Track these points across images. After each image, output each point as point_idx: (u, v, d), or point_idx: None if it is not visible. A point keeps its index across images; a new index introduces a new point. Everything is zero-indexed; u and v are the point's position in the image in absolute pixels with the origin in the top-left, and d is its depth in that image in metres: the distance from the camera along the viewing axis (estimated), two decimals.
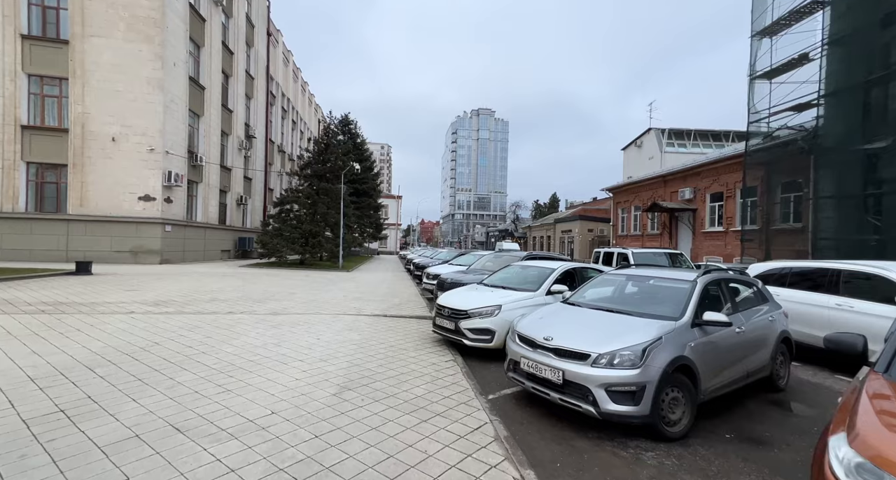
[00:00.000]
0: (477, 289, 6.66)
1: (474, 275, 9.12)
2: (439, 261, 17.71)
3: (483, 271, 9.63)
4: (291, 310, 8.43)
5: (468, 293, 6.54)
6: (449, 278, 9.10)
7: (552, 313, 4.54)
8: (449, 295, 6.49)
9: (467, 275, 9.20)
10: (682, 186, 23.70)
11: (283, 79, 38.28)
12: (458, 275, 9.22)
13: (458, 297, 6.33)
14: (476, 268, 10.17)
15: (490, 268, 9.85)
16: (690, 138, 37.57)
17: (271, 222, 20.94)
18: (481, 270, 9.82)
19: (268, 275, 16.21)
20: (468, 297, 6.24)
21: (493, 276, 7.42)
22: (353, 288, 13.40)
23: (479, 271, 9.71)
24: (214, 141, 23.70)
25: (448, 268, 12.33)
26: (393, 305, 9.84)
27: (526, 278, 6.85)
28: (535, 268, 7.05)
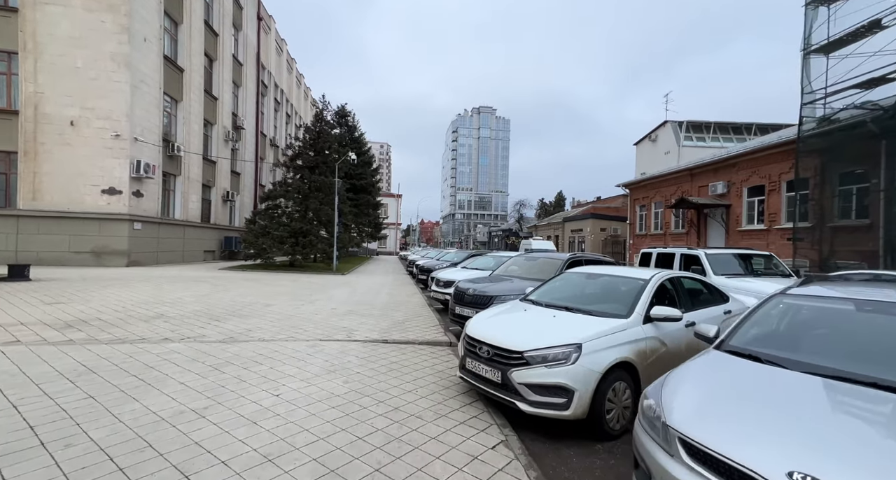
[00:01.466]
0: (527, 311, 4.36)
1: (505, 285, 6.85)
2: (447, 263, 15.43)
3: (512, 278, 7.35)
4: (256, 334, 6.14)
5: (514, 318, 4.24)
6: (470, 288, 6.81)
7: None
8: (484, 322, 4.18)
9: (495, 285, 6.92)
10: (712, 180, 21.42)
11: (275, 68, 36.01)
12: (483, 285, 6.93)
13: (502, 326, 4.03)
14: (502, 274, 7.88)
15: (520, 274, 7.57)
16: (710, 131, 35.36)
17: (257, 219, 18.65)
18: (508, 277, 7.55)
19: (248, 280, 13.91)
20: (518, 326, 3.95)
21: (541, 289, 5.12)
22: (347, 296, 11.10)
23: (507, 278, 7.44)
24: (196, 130, 21.41)
25: (462, 273, 10.05)
26: (395, 323, 7.55)
27: (600, 294, 4.56)
28: (609, 279, 4.75)
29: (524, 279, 7.12)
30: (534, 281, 6.94)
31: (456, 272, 10.47)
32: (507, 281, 7.12)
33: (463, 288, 7.00)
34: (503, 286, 6.78)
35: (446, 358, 5.40)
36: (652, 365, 3.65)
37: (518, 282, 6.93)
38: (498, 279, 7.46)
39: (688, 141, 34.91)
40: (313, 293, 11.44)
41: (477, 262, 11.28)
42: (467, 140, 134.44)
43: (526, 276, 7.26)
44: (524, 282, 6.86)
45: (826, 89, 14.96)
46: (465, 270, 10.53)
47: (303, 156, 19.51)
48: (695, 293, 4.65)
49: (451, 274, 10.04)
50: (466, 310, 6.59)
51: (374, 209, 37.28)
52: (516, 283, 6.86)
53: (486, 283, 7.08)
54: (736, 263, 7.79)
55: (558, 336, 3.51)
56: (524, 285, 6.67)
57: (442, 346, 6.04)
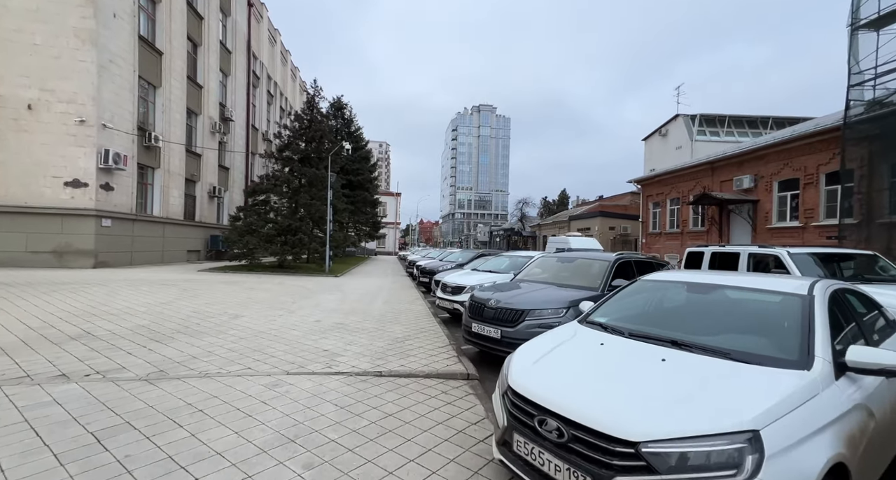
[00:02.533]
0: (604, 346, 2.65)
1: (538, 294, 5.20)
2: (451, 264, 13.78)
3: (543, 285, 5.68)
4: (199, 365, 4.46)
5: (589, 358, 2.53)
6: (491, 299, 5.16)
7: None
8: (541, 368, 2.48)
9: (524, 293, 5.26)
10: (737, 173, 19.81)
11: (268, 59, 34.32)
12: (508, 294, 5.27)
13: (575, 376, 2.33)
14: (528, 279, 6.20)
15: (551, 280, 5.90)
16: (724, 125, 33.77)
17: (241, 216, 16.95)
18: (538, 283, 5.88)
19: (227, 283, 12.23)
20: (606, 377, 2.26)
21: (609, 306, 3.43)
22: (336, 303, 9.43)
23: (536, 284, 5.77)
24: (177, 119, 19.71)
25: (473, 277, 8.38)
26: (393, 341, 5.88)
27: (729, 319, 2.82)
28: (735, 293, 3.01)
29: (560, 286, 5.46)
30: (574, 289, 5.30)
31: (465, 275, 8.80)
32: (538, 288, 5.45)
33: (481, 298, 5.33)
34: (536, 296, 5.12)
35: (465, 402, 3.75)
36: (862, 457, 1.98)
37: (554, 291, 5.27)
38: (524, 285, 5.78)
39: (701, 135, 33.32)
40: (298, 299, 9.76)
41: (489, 263, 9.60)
42: (467, 138, 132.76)
43: (561, 283, 5.60)
44: (562, 291, 5.21)
45: (876, 69, 13.36)
46: (475, 273, 8.86)
47: (292, 146, 17.81)
48: (860, 314, 2.98)
49: (461, 278, 8.37)
50: (488, 329, 4.94)
51: (372, 207, 35.58)
52: (552, 292, 5.20)
53: (512, 292, 5.41)
54: (822, 266, 6.12)
55: (698, 407, 1.84)
56: (563, 295, 5.02)
57: (457, 380, 4.38)
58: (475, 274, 8.70)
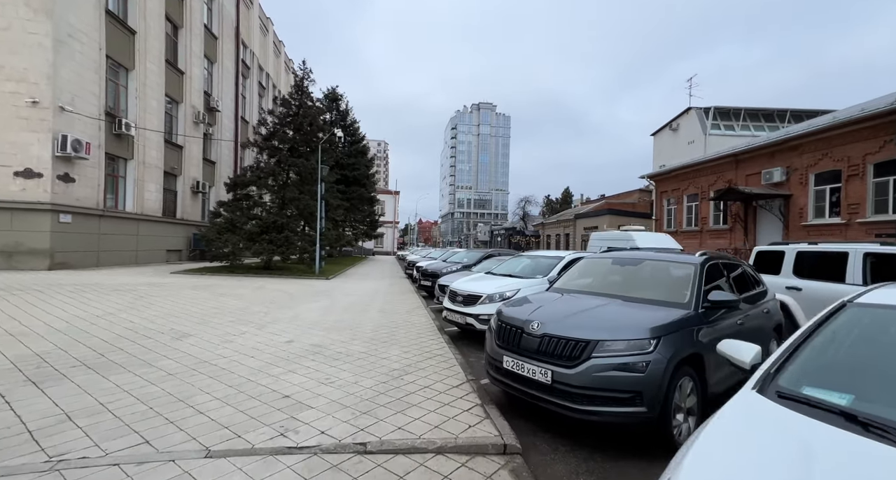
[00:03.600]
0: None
1: (606, 314, 3.50)
2: (457, 266, 12.09)
3: (604, 298, 3.97)
4: (58, 439, 2.75)
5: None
6: (534, 320, 3.47)
7: None
8: None
9: (587, 314, 3.55)
10: (766, 166, 18.18)
11: (259, 49, 32.57)
12: (562, 315, 3.57)
13: None
14: (572, 289, 4.47)
15: (612, 290, 4.18)
16: (739, 119, 32.15)
17: (222, 211, 15.21)
18: (593, 295, 4.16)
19: (197, 288, 10.51)
20: None
21: (817, 350, 1.72)
22: (320, 314, 7.73)
23: (594, 299, 4.05)
24: (154, 107, 17.96)
25: (490, 283, 6.68)
26: (388, 377, 4.21)
27: None
28: None
29: (627, 301, 3.77)
30: (648, 304, 3.63)
31: (479, 280, 7.09)
32: (597, 303, 3.75)
33: (515, 317, 3.64)
34: (600, 316, 3.44)
35: None
36: None
37: (622, 308, 3.59)
38: (572, 299, 4.07)
39: (715, 129, 31.70)
40: (274, 309, 8.05)
41: (505, 266, 7.88)
42: (467, 137, 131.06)
43: (627, 295, 3.90)
44: (635, 309, 3.54)
45: None
46: (492, 278, 7.15)
47: (279, 134, 16.07)
48: None
49: (475, 285, 6.67)
50: (530, 366, 3.27)
51: (370, 204, 33.84)
52: (622, 311, 3.53)
53: (559, 309, 3.72)
54: None
55: None
56: (641, 316, 3.33)
57: (488, 458, 2.69)
58: (492, 279, 6.98)
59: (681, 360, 3.02)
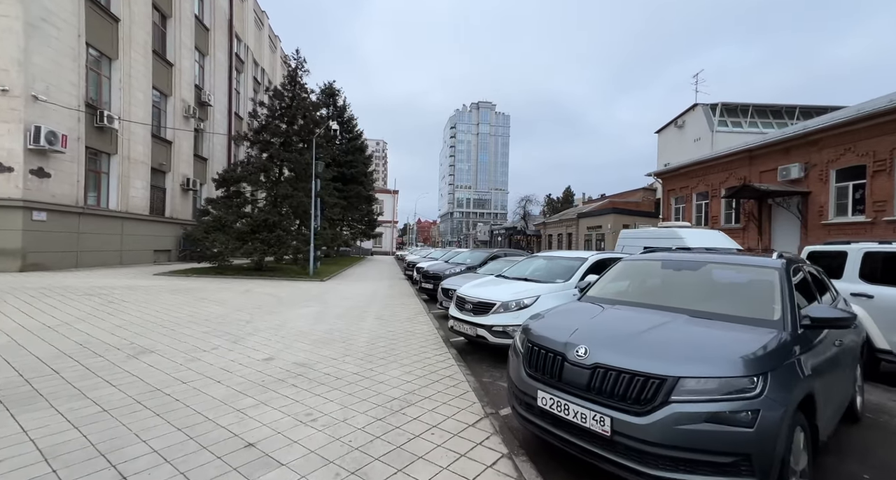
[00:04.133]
0: None
1: (672, 334, 2.63)
2: (460, 267, 11.23)
3: (661, 311, 3.13)
4: None
5: None
6: (580, 345, 2.62)
7: None
8: None
9: (650, 335, 2.68)
10: (782, 162, 17.37)
11: (254, 43, 31.65)
12: (617, 337, 2.70)
13: None
14: (613, 298, 3.60)
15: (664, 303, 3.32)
16: (747, 115, 31.35)
17: (210, 209, 14.31)
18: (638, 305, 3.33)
19: (178, 292, 9.62)
20: None
21: None
22: (309, 323, 6.86)
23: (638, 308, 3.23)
24: (140, 99, 17.05)
25: (506, 289, 5.81)
26: (386, 411, 3.38)
27: None
28: None
29: (696, 316, 2.90)
30: (731, 321, 2.77)
31: (489, 285, 6.22)
32: (659, 321, 2.89)
33: (551, 339, 2.79)
34: (670, 339, 2.58)
35: None
36: None
37: (702, 328, 2.74)
38: (619, 313, 3.21)
39: (722, 126, 30.89)
40: (258, 316, 7.17)
41: (518, 268, 7.00)
42: (466, 136, 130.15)
43: (692, 307, 3.04)
44: (719, 330, 2.68)
45: None
46: (505, 282, 6.28)
47: (271, 127, 15.17)
48: None
49: (486, 290, 5.79)
50: (578, 409, 2.40)
51: (368, 203, 32.94)
52: (703, 332, 2.67)
53: (607, 325, 2.87)
54: None
55: None
56: (728, 338, 2.47)
57: None
58: (505, 283, 6.11)
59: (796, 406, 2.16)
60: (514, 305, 5.19)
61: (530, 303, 5.16)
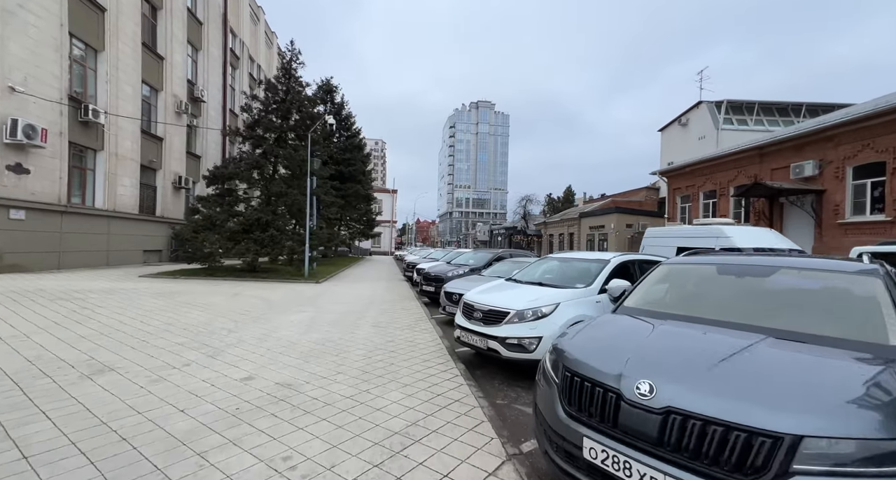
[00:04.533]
0: None
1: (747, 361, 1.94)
2: (464, 269, 10.59)
3: (738, 332, 2.48)
4: None
5: None
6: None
7: None
8: None
9: (727, 367, 2.02)
10: (795, 159, 16.78)
11: (250, 39, 30.97)
12: (717, 376, 2.06)
13: None
14: (651, 310, 2.97)
15: (726, 318, 2.69)
16: (752, 113, 30.78)
17: (200, 207, 13.64)
18: (699, 320, 2.68)
19: (158, 296, 8.95)
20: None
21: None
22: (299, 331, 6.22)
23: (702, 326, 2.59)
24: (129, 93, 16.36)
25: (522, 295, 5.18)
26: (380, 457, 2.76)
27: None
28: None
29: (783, 336, 2.24)
30: (831, 345, 2.12)
31: (500, 290, 5.57)
32: (738, 344, 2.24)
33: (602, 370, 2.16)
34: (775, 373, 1.92)
35: None
36: None
37: (801, 356, 2.08)
38: (676, 331, 2.56)
39: (727, 124, 30.31)
40: (243, 323, 6.51)
41: (530, 271, 6.33)
42: (465, 135, 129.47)
43: (771, 326, 2.39)
44: (828, 360, 2.03)
45: None
46: (514, 286, 5.64)
47: (264, 122, 14.48)
48: None
49: (498, 297, 5.14)
50: (656, 473, 1.73)
51: (366, 202, 32.26)
52: (805, 362, 2.01)
53: (686, 357, 2.21)
54: None
55: None
56: (856, 375, 1.82)
57: None
58: (517, 288, 5.45)
59: None
60: (531, 314, 4.55)
61: (549, 313, 4.52)
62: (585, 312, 4.64)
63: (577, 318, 4.55)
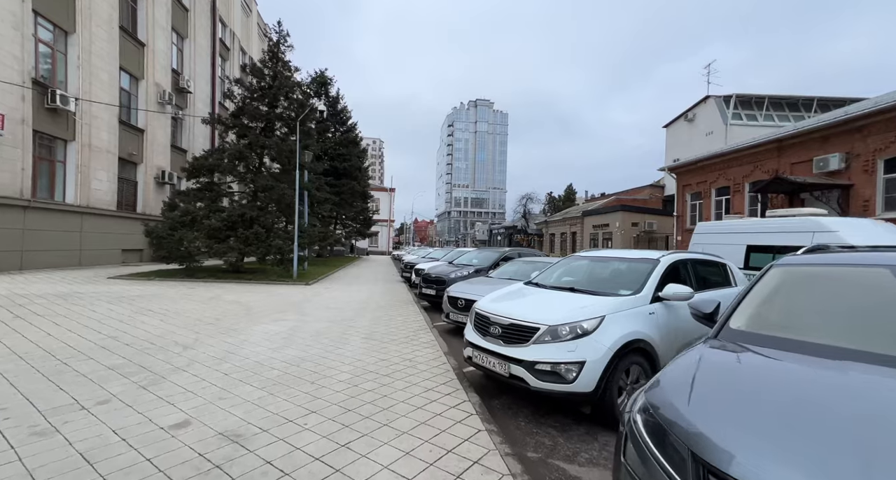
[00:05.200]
0: None
1: None
2: (468, 270, 9.48)
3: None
4: None
5: None
6: None
7: None
8: None
9: None
10: (818, 152, 15.78)
11: (241, 30, 29.76)
12: None
13: None
14: (797, 339, 1.89)
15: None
16: (762, 108, 29.79)
17: (178, 202, 12.47)
18: (868, 355, 1.55)
19: (119, 301, 7.80)
20: None
21: None
22: (273, 347, 5.09)
23: (868, 358, 1.46)
24: (104, 80, 15.17)
25: (551, 304, 4.07)
26: None
27: None
28: None
29: None
30: None
31: (521, 297, 4.45)
32: None
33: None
34: None
35: None
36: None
37: None
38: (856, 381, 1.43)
39: (735, 119, 29.30)
40: (207, 336, 5.38)
41: (554, 273, 5.18)
42: (464, 134, 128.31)
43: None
44: None
45: None
46: (539, 291, 4.50)
47: (249, 110, 13.31)
48: None
49: (522, 307, 4.02)
50: None
51: (363, 200, 31.09)
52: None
53: None
54: None
55: None
56: None
57: None
58: (542, 295, 4.32)
59: None
60: (567, 331, 3.43)
61: (592, 329, 3.41)
62: (639, 328, 3.54)
63: (631, 336, 3.45)
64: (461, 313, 6.50)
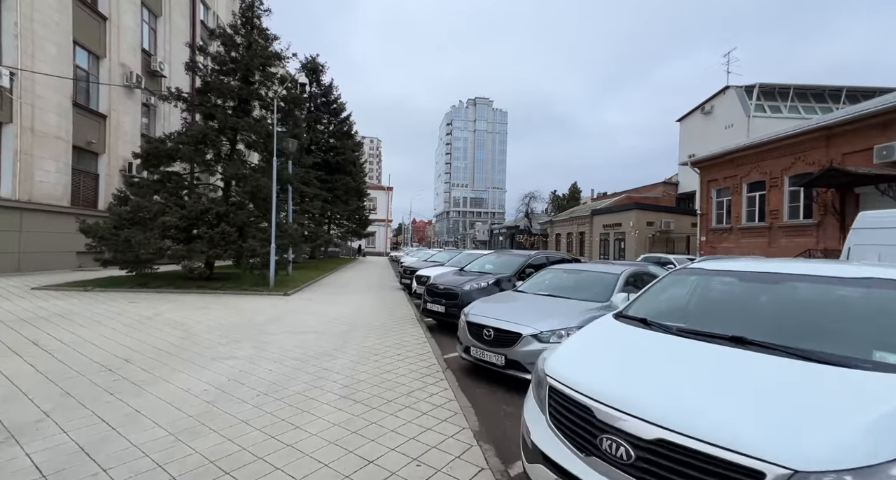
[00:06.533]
0: None
1: None
2: (486, 280, 7.35)
3: None
4: None
5: None
6: None
7: None
8: None
9: None
10: (879, 139, 13.79)
11: (226, 14, 27.38)
12: None
13: None
14: None
15: None
16: (786, 99, 27.80)
17: (129, 195, 10.27)
18: None
19: (7, 326, 5.62)
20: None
21: None
22: (181, 428, 2.95)
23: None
24: (51, 53, 12.96)
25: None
26: None
27: None
28: None
29: None
30: None
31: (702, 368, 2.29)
32: None
33: None
34: None
35: None
36: None
37: None
38: None
39: (758, 111, 27.29)
40: (83, 402, 3.21)
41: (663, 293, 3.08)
42: (463, 133, 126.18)
43: None
44: None
45: None
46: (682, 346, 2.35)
47: (216, 85, 11.09)
48: None
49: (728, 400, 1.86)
50: None
51: (358, 197, 28.89)
52: None
53: None
54: None
55: None
56: None
57: None
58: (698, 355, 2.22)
59: None
60: None
61: None
62: None
63: None
64: (489, 350, 4.37)
